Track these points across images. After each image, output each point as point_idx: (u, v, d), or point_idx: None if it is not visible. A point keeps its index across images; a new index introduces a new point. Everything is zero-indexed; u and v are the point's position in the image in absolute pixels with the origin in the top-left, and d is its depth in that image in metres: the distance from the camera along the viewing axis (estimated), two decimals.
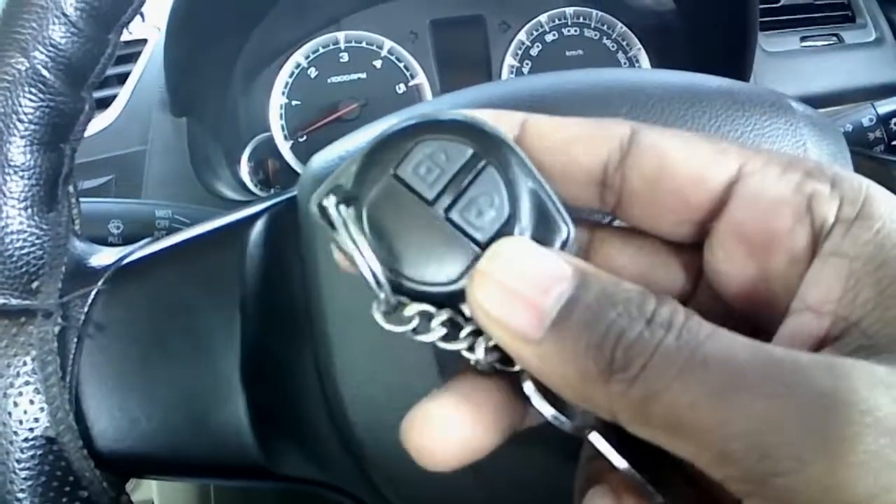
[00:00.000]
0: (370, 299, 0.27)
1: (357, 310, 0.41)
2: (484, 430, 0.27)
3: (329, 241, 0.27)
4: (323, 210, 0.27)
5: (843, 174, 0.26)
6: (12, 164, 0.40)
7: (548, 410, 0.27)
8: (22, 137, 0.40)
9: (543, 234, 0.26)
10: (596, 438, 0.27)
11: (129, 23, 0.44)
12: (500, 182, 0.26)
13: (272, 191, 0.93)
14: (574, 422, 0.27)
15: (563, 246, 0.27)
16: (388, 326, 0.27)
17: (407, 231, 0.26)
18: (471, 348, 0.27)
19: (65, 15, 0.40)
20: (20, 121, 0.40)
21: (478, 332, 0.27)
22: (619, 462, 0.26)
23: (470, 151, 0.26)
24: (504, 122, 0.29)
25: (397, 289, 0.26)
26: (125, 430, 0.42)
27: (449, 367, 0.40)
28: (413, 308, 0.27)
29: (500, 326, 0.24)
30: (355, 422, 0.41)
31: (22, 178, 0.41)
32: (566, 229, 0.27)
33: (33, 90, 0.40)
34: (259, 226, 0.45)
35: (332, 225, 0.26)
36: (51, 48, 0.40)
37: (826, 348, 0.24)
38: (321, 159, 0.45)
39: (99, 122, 0.87)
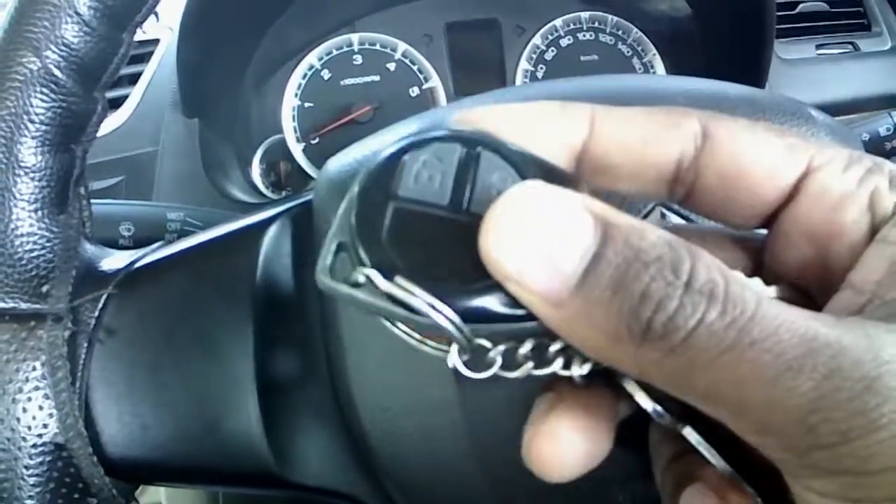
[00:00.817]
0: None
1: (372, 317, 0.40)
2: (599, 436, 0.27)
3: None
4: (342, 280, 0.25)
5: None
6: (23, 165, 0.40)
7: (649, 405, 0.27)
8: (33, 138, 0.40)
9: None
10: (690, 433, 0.27)
11: (143, 22, 0.43)
12: (500, 160, 0.25)
13: (283, 193, 0.93)
14: (673, 416, 0.27)
15: None
16: (475, 375, 0.26)
17: (438, 245, 0.25)
18: (566, 365, 0.26)
19: (78, 14, 0.40)
20: (31, 121, 0.40)
21: (567, 347, 0.26)
22: (717, 460, 0.26)
23: (459, 146, 0.25)
24: (571, 115, 0.28)
25: (470, 323, 0.24)
26: (135, 436, 0.42)
27: (464, 376, 0.40)
28: (498, 349, 0.26)
29: (519, 286, 0.23)
30: (369, 430, 0.41)
31: (33, 179, 0.40)
32: (573, 179, 0.26)
33: (45, 90, 0.40)
34: (273, 230, 0.45)
35: (360, 289, 0.25)
36: (63, 48, 0.40)
37: (857, 316, 0.25)
38: (336, 163, 0.44)
39: (110, 123, 0.87)
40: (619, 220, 0.23)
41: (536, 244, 0.23)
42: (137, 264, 0.44)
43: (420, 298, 0.23)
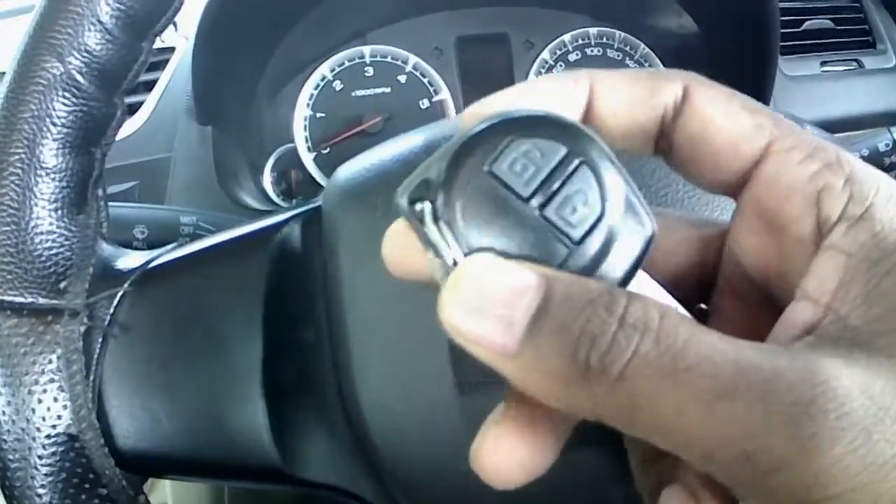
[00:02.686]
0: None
1: (376, 319, 0.41)
2: (542, 446, 0.27)
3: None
4: (412, 202, 0.27)
5: (861, 173, 0.27)
6: (44, 165, 0.41)
7: None
8: (54, 140, 0.41)
9: (630, 228, 0.27)
10: None
11: (162, 31, 0.44)
12: (592, 181, 0.26)
13: (294, 201, 0.94)
14: None
15: (648, 243, 0.27)
16: None
17: (501, 227, 0.26)
18: None
19: (100, 22, 0.41)
20: (53, 124, 0.41)
21: None
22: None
23: (564, 150, 0.26)
24: (574, 83, 0.29)
25: None
26: (146, 429, 0.43)
27: (464, 376, 0.41)
28: None
29: (476, 345, 0.24)
30: (373, 428, 0.42)
31: (53, 179, 0.42)
32: (651, 227, 0.27)
33: (67, 94, 0.41)
34: (284, 234, 0.46)
35: (420, 219, 0.27)
36: (85, 54, 0.41)
37: (811, 335, 0.25)
38: (346, 171, 0.46)
39: (125, 128, 0.87)
40: (562, 275, 0.25)
41: (487, 309, 0.24)
42: (152, 264, 0.45)
43: (450, 252, 0.26)
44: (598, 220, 0.26)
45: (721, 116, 0.28)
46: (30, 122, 0.41)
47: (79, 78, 0.41)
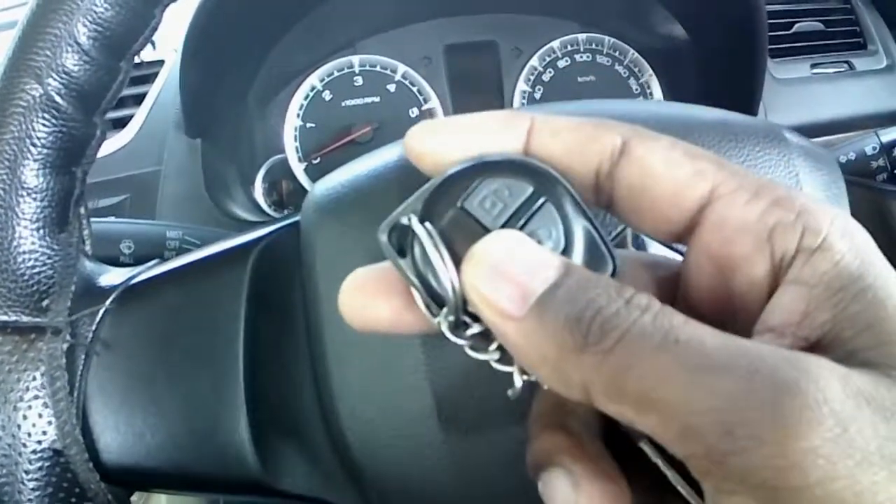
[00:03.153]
0: None
1: (355, 333, 0.42)
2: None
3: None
4: (392, 234, 0.29)
5: (811, 206, 0.27)
6: (25, 186, 0.42)
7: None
8: (35, 161, 0.42)
9: (592, 265, 0.28)
10: (646, 446, 0.28)
11: (140, 51, 0.45)
12: (556, 218, 0.28)
13: (285, 212, 0.95)
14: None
15: (611, 277, 0.28)
16: (452, 338, 0.28)
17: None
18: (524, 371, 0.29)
19: (78, 44, 0.42)
20: (34, 145, 0.42)
21: None
22: (671, 473, 0.27)
23: (530, 189, 0.28)
24: (513, 124, 0.30)
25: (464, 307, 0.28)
26: (130, 444, 0.44)
27: (440, 388, 0.41)
28: (476, 327, 0.28)
29: (488, 304, 0.26)
30: (352, 441, 0.42)
31: (35, 199, 0.42)
32: (612, 263, 0.29)
33: (47, 116, 0.42)
34: (263, 249, 0.46)
35: (401, 251, 0.29)
36: (64, 75, 0.42)
37: None
38: (323, 186, 0.46)
39: (115, 142, 0.88)
40: (581, 268, 0.26)
41: (510, 273, 0.26)
42: (133, 281, 0.46)
43: (444, 261, 0.27)
44: (562, 254, 0.28)
45: (660, 165, 0.29)
46: (10, 143, 0.41)
47: (58, 99, 0.42)
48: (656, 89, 1.02)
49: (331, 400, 0.42)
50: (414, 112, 0.99)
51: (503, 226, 0.28)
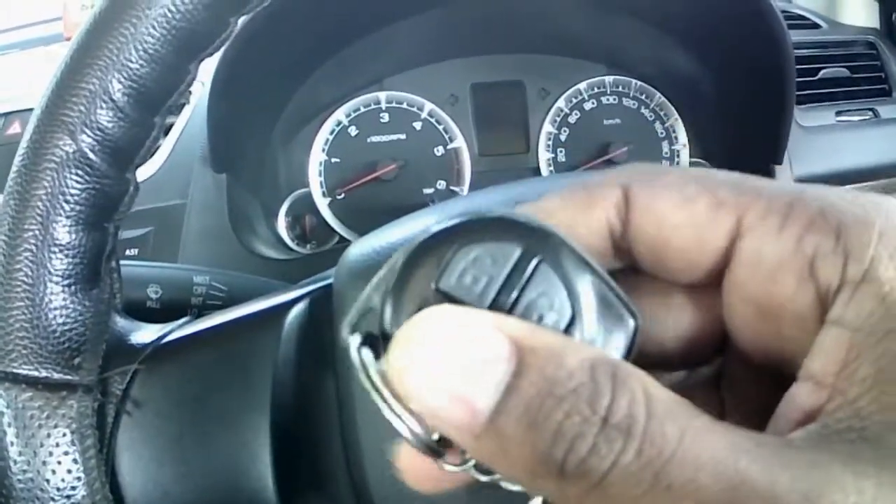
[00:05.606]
0: None
1: None
2: None
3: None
4: (362, 323, 0.25)
5: (849, 220, 0.23)
6: (57, 242, 0.42)
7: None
8: (67, 217, 0.42)
9: (610, 329, 0.24)
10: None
11: (174, 107, 0.45)
12: (556, 280, 0.23)
13: (308, 246, 0.95)
14: None
15: (633, 338, 0.24)
16: (450, 469, 0.24)
17: None
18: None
19: (112, 100, 0.41)
20: (66, 201, 0.41)
21: None
22: None
23: (518, 251, 0.23)
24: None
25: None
26: (158, 501, 0.43)
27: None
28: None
29: (435, 418, 0.22)
30: (378, 501, 0.42)
31: (66, 256, 0.42)
32: (632, 321, 0.24)
33: (80, 172, 0.42)
34: (295, 312, 0.46)
35: (363, 366, 0.24)
36: (98, 132, 0.42)
37: (815, 423, 0.22)
38: (357, 250, 0.46)
39: (140, 174, 0.87)
40: (538, 342, 0.21)
41: (448, 376, 0.21)
42: (164, 340, 0.46)
43: (388, 405, 0.23)
44: (571, 324, 0.23)
45: (670, 209, 0.25)
46: (43, 199, 0.41)
47: (91, 156, 0.42)
48: (681, 133, 1.02)
49: (360, 463, 0.42)
50: (439, 150, 0.99)
51: (493, 302, 0.23)
